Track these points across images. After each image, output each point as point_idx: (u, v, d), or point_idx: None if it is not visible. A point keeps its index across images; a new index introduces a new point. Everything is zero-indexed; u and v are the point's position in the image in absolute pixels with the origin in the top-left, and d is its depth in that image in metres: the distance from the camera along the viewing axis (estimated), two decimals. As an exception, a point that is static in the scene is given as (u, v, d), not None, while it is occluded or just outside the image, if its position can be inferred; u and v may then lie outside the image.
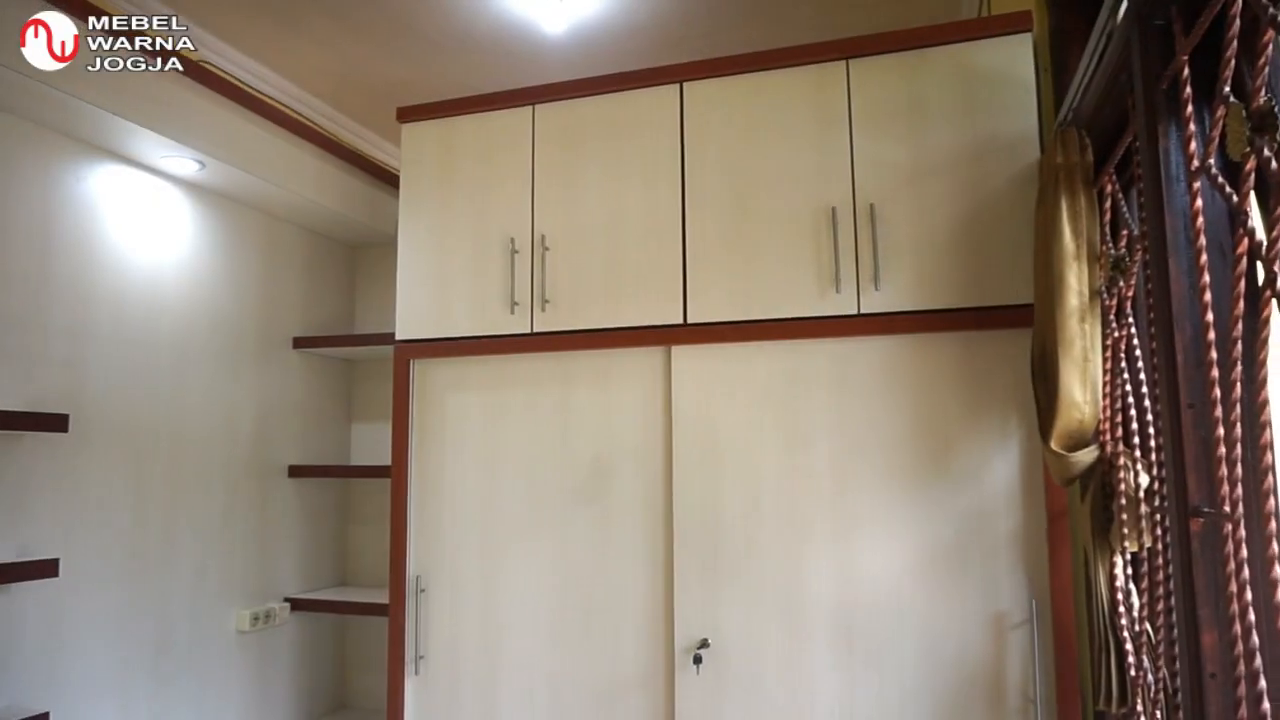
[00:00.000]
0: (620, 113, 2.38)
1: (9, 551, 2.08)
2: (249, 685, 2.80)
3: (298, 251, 3.13)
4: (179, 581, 2.56)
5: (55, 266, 2.24)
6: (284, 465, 2.99)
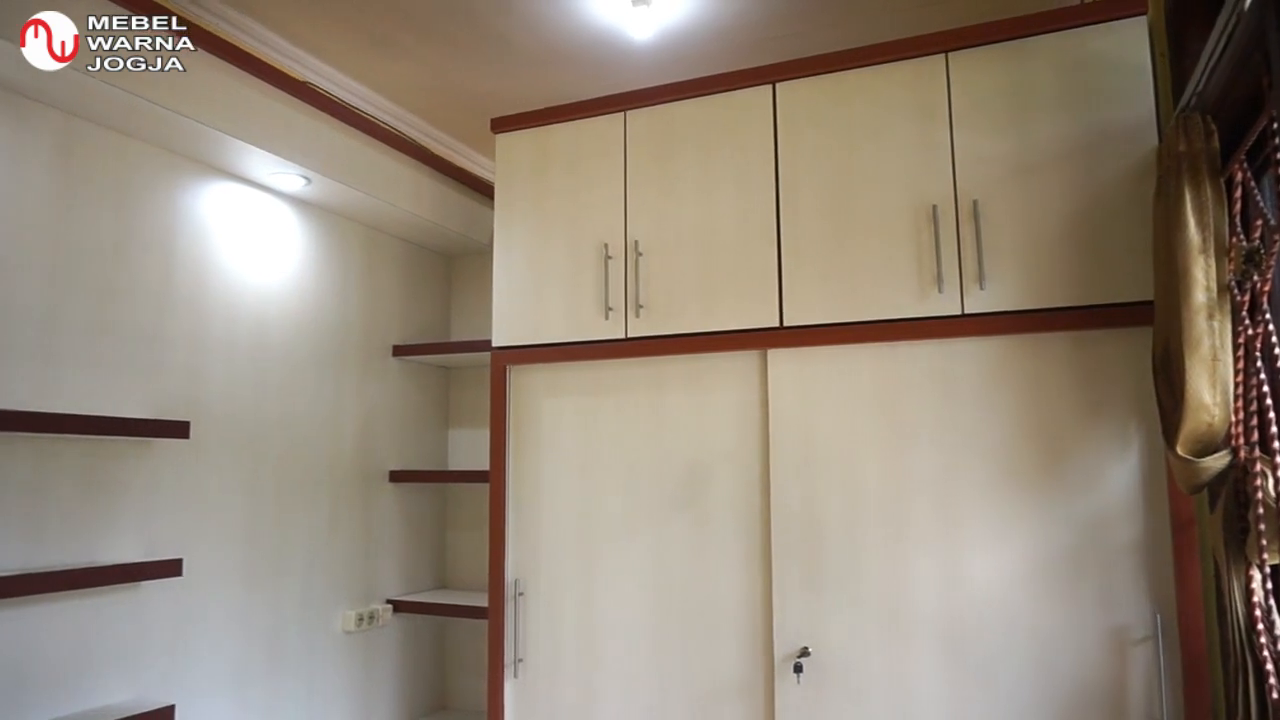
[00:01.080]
0: (712, 116, 2.37)
1: (138, 551, 2.20)
2: (354, 683, 2.88)
3: (396, 262, 3.22)
4: (289, 582, 2.66)
5: (176, 281, 2.35)
6: (385, 470, 3.08)
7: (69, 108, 2.09)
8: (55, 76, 1.92)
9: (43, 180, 2.05)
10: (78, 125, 2.13)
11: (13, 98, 1.99)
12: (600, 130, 2.50)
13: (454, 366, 3.41)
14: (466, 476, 3.07)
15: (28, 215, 2.02)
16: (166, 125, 2.20)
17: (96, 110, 2.10)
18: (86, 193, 2.14)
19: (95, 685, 2.09)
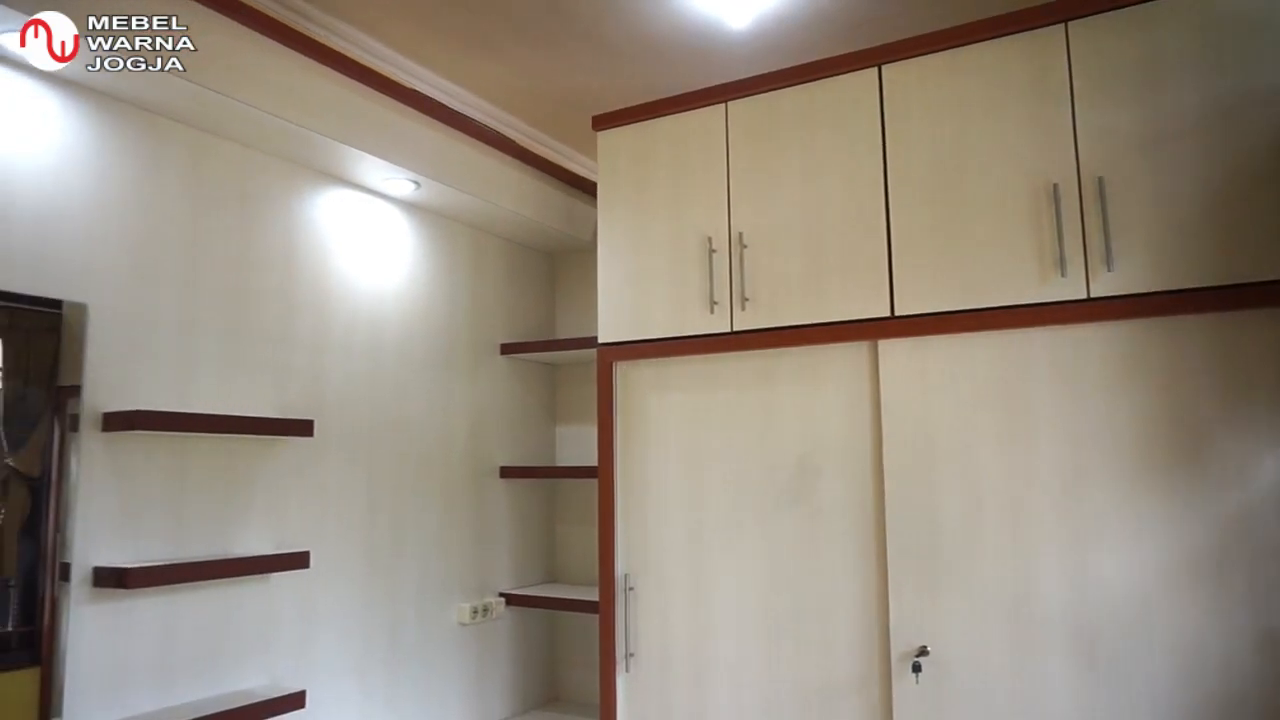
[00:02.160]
0: (815, 102, 2.32)
1: (268, 544, 2.32)
2: (469, 674, 2.96)
3: (502, 261, 3.28)
4: (407, 575, 2.75)
5: (298, 285, 2.46)
6: (496, 466, 3.15)
7: (198, 124, 2.21)
8: (184, 95, 2.04)
9: (177, 193, 2.18)
10: (206, 140, 2.25)
11: (149, 116, 2.12)
12: (701, 122, 2.48)
13: (560, 364, 3.45)
14: (574, 472, 3.10)
15: (165, 227, 2.14)
16: (286, 136, 2.30)
17: (222, 125, 2.22)
18: (215, 203, 2.26)
19: (232, 669, 2.21)
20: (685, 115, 2.52)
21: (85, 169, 1.99)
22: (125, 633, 1.99)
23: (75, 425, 1.96)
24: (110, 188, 2.03)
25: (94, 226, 1.99)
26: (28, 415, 2.00)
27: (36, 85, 1.91)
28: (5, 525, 1.97)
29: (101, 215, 2.01)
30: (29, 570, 1.99)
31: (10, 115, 1.86)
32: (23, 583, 1.98)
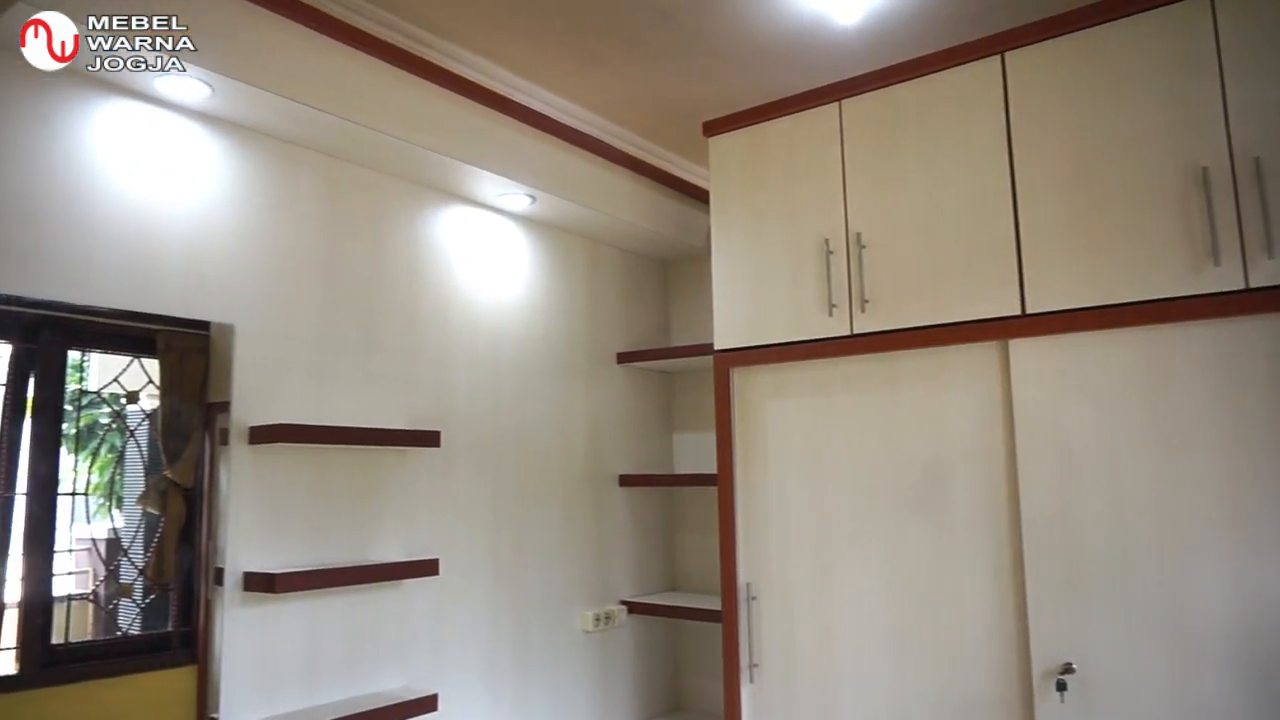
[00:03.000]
0: (934, 95, 2.24)
1: (400, 551, 2.40)
2: (594, 681, 2.99)
3: (616, 271, 3.32)
4: (531, 582, 2.80)
5: (423, 301, 2.56)
6: (615, 474, 3.17)
7: (330, 151, 2.32)
8: (317, 124, 2.15)
9: (313, 218, 2.30)
10: (337, 166, 2.37)
11: (286, 146, 2.25)
12: (814, 123, 2.44)
13: (675, 371, 3.45)
14: (693, 480, 3.09)
15: (302, 250, 2.26)
16: (410, 158, 2.40)
17: (351, 150, 2.33)
18: (346, 226, 2.37)
19: (370, 672, 2.30)
20: (797, 116, 2.48)
21: (230, 199, 2.12)
22: (273, 634, 2.10)
23: (225, 439, 2.09)
24: (252, 215, 2.16)
25: (239, 252, 2.12)
26: (182, 430, 2.15)
27: (184, 121, 2.06)
28: (165, 533, 2.13)
29: (245, 241, 2.14)
30: (186, 574, 2.13)
31: (161, 152, 2.01)
32: (181, 586, 2.13)
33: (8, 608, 1.88)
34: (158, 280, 1.97)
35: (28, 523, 1.91)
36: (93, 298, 1.89)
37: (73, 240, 1.84)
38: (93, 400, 2.08)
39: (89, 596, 2.03)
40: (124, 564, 2.08)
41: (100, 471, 2.09)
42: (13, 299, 1.81)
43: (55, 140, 1.83)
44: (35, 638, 1.88)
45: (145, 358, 2.12)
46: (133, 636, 2.07)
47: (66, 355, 2.01)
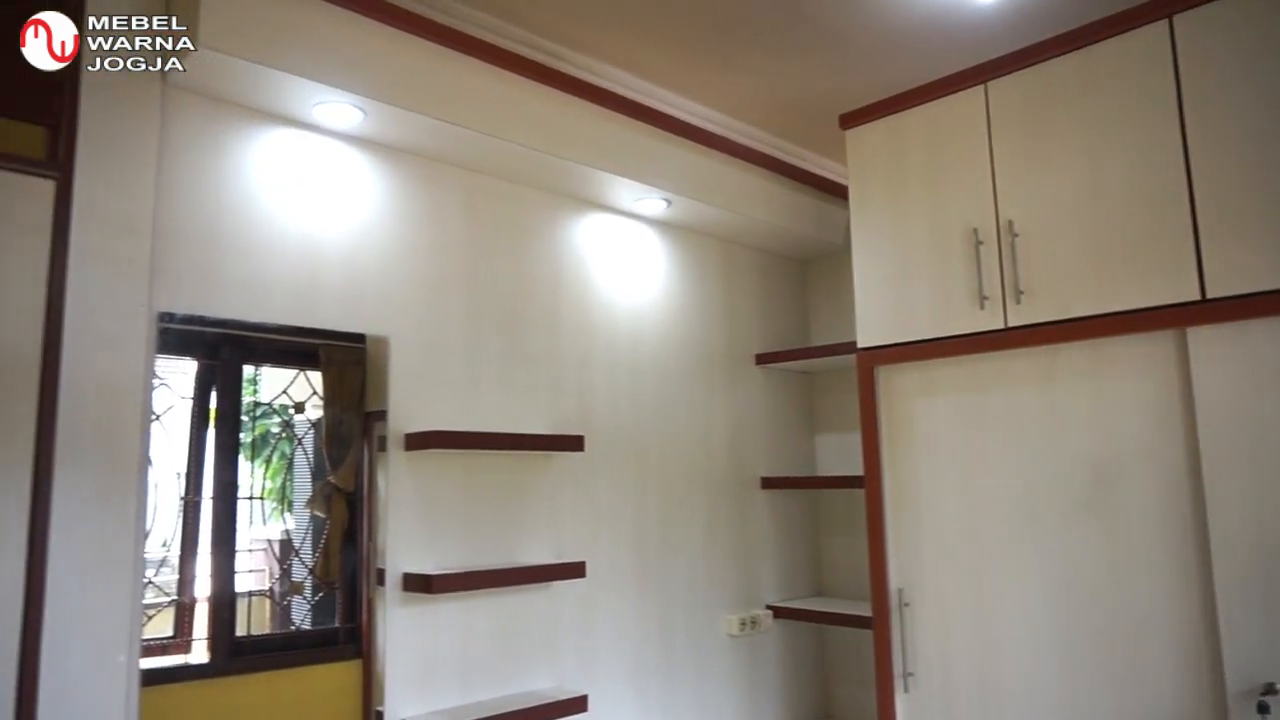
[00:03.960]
0: (1090, 69, 2.09)
1: (547, 554, 2.46)
2: (741, 686, 2.96)
3: (753, 272, 3.28)
4: (676, 585, 2.80)
5: (563, 308, 2.61)
6: (757, 477, 3.13)
7: (471, 166, 2.40)
8: (459, 140, 2.23)
9: (457, 231, 2.38)
10: (478, 180, 2.45)
11: (431, 164, 2.34)
12: (958, 108, 2.33)
13: (816, 371, 3.38)
14: (838, 482, 3.01)
15: (449, 262, 2.35)
16: (546, 168, 2.45)
17: (491, 164, 2.40)
18: (489, 237, 2.45)
19: (520, 671, 2.36)
20: (938, 103, 2.37)
21: (381, 216, 2.23)
22: (430, 633, 2.19)
23: (383, 445, 2.20)
24: (402, 231, 2.26)
25: (391, 267, 2.23)
26: (343, 438, 2.27)
27: (339, 146, 2.18)
28: (330, 535, 2.25)
29: (396, 256, 2.24)
30: (350, 574, 2.25)
31: (319, 176, 2.13)
32: (345, 585, 2.25)
33: (198, 602, 2.04)
34: (320, 297, 2.09)
35: (213, 524, 2.07)
36: (264, 315, 2.02)
37: (246, 262, 1.98)
38: (265, 411, 2.23)
39: (266, 593, 2.18)
40: (295, 563, 2.21)
41: (272, 477, 2.24)
42: (196, 319, 1.97)
43: (228, 169, 1.98)
44: (222, 630, 2.04)
45: (310, 370, 2.26)
46: (304, 631, 2.21)
47: (242, 370, 2.17)
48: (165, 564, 1.98)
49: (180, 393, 2.04)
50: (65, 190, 1.66)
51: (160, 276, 1.83)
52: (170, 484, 1.97)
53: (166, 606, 1.99)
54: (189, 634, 2.02)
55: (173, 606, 2.00)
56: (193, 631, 2.02)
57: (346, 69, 1.96)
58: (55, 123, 1.67)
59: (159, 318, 1.83)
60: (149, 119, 1.83)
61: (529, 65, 2.32)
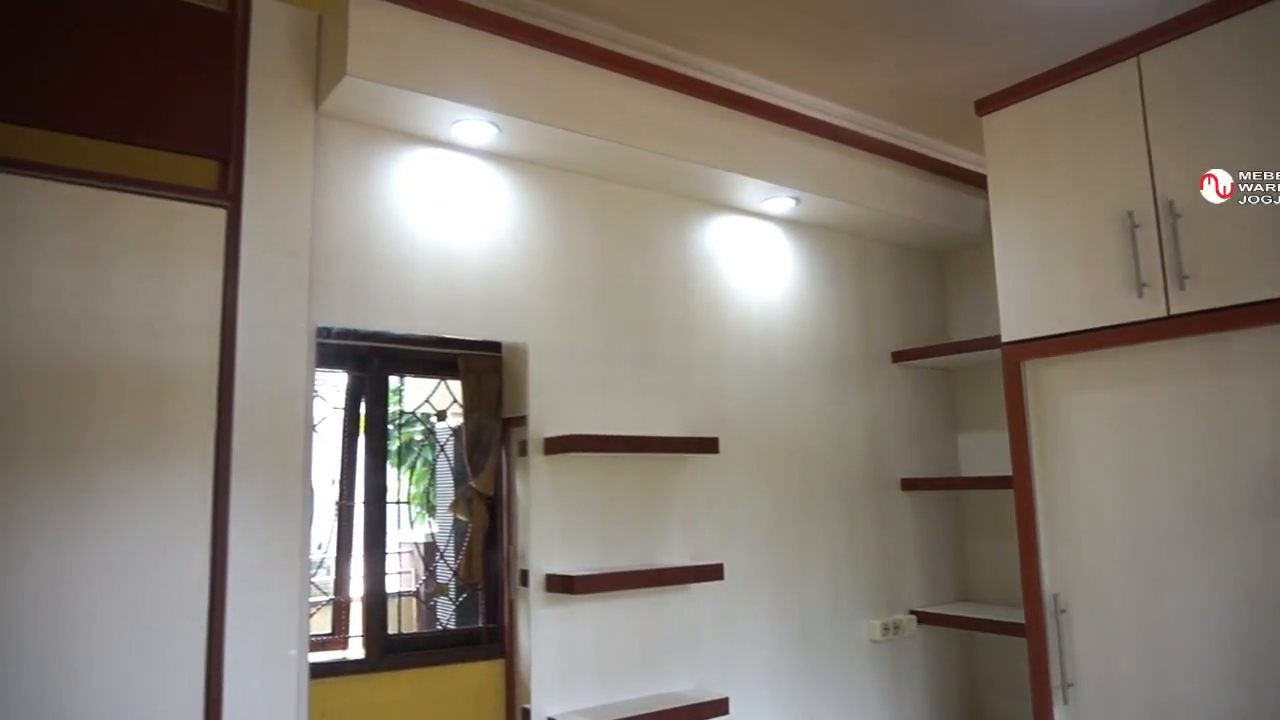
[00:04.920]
0: (1260, 32, 1.93)
1: (685, 556, 2.46)
2: (884, 693, 2.88)
3: (887, 267, 3.20)
4: (815, 589, 2.75)
5: (693, 310, 2.61)
6: (896, 478, 3.05)
7: (598, 172, 2.44)
8: (587, 149, 2.28)
9: (588, 238, 2.43)
10: (607, 187, 2.49)
11: (561, 174, 2.40)
12: (1106, 84, 2.19)
13: (956, 368, 3.26)
14: (983, 483, 2.89)
15: (581, 269, 2.40)
16: (673, 172, 2.46)
17: (619, 171, 2.44)
18: (618, 243, 2.48)
19: (661, 673, 2.37)
20: (1084, 81, 2.24)
21: (515, 227, 2.30)
22: (572, 633, 2.23)
23: (523, 450, 2.26)
24: (534, 240, 2.33)
25: (526, 276, 2.29)
26: (483, 443, 2.35)
27: (475, 161, 2.26)
28: (472, 538, 2.33)
29: (530, 265, 2.31)
30: (491, 575, 2.32)
31: (457, 191, 2.22)
32: (488, 586, 2.32)
33: (352, 601, 2.16)
34: (461, 307, 2.18)
35: (366, 528, 2.18)
36: (410, 327, 2.12)
37: (393, 277, 2.08)
38: (409, 419, 2.33)
39: (413, 594, 2.27)
40: (440, 565, 2.31)
41: (416, 482, 2.34)
42: (349, 333, 2.09)
43: (374, 190, 2.08)
44: (376, 628, 2.15)
45: (450, 379, 2.35)
46: (450, 630, 2.30)
47: (388, 380, 2.28)
48: (322, 565, 2.10)
49: (333, 403, 2.17)
50: (235, 217, 1.79)
51: (317, 293, 1.95)
52: (325, 489, 2.08)
53: (324, 605, 2.11)
54: (345, 631, 2.13)
55: (330, 605, 2.12)
56: (349, 629, 2.14)
57: (482, 87, 2.03)
58: (225, 156, 1.81)
59: (317, 332, 1.94)
60: (304, 147, 1.96)
61: (652, 71, 2.34)
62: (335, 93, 1.91)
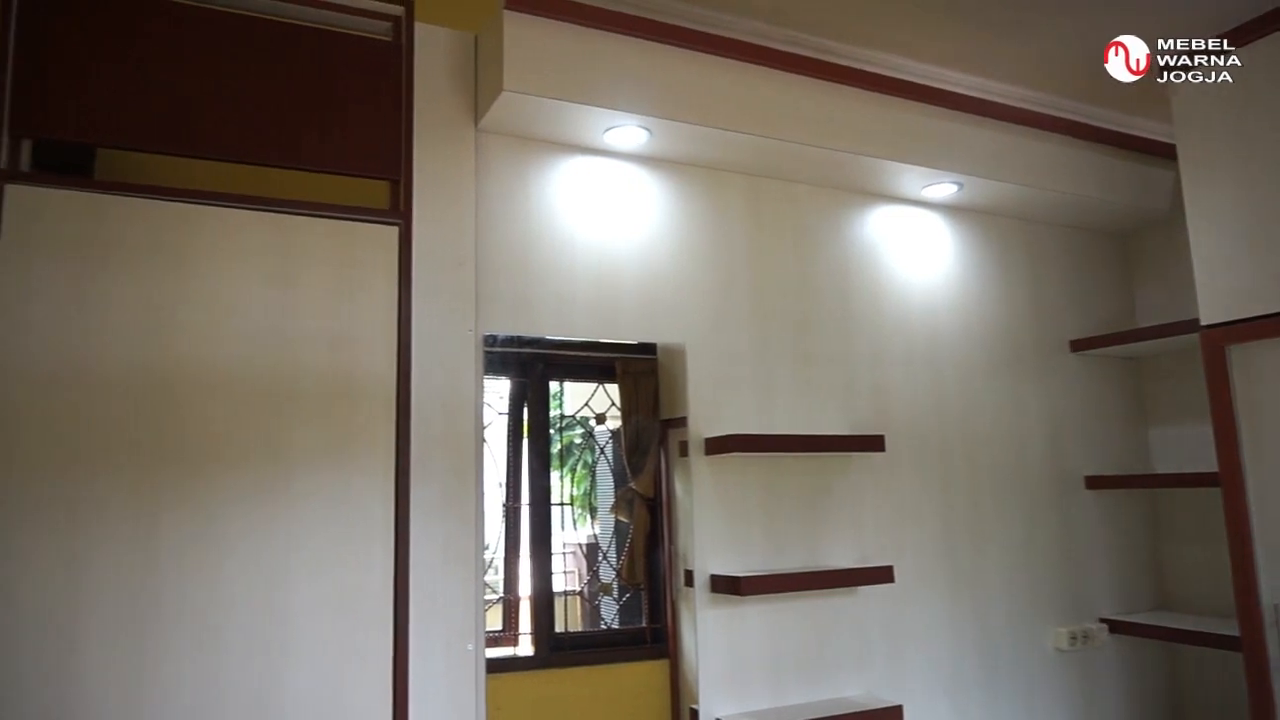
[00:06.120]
0: None
1: (851, 557, 2.40)
2: (1073, 707, 2.70)
3: (1060, 251, 3.01)
4: (992, 592, 2.62)
5: (852, 304, 2.54)
6: (1079, 475, 2.85)
7: (751, 169, 2.42)
8: (738, 146, 2.26)
9: (741, 236, 2.41)
10: (759, 183, 2.46)
11: (711, 173, 2.39)
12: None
13: (1142, 356, 3.01)
14: (1182, 480, 2.65)
15: (735, 268, 2.38)
16: (826, 164, 2.41)
17: (770, 165, 2.40)
18: (772, 240, 2.45)
19: (830, 677, 2.31)
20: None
21: (668, 229, 2.31)
22: (739, 634, 2.21)
23: (684, 451, 2.26)
24: (689, 241, 2.33)
25: (681, 277, 2.30)
26: (642, 446, 2.38)
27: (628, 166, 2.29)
28: (634, 539, 2.36)
29: (685, 266, 2.31)
30: (653, 576, 2.34)
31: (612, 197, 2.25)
32: (649, 587, 2.34)
33: (520, 600, 2.22)
34: (618, 311, 2.21)
35: (531, 529, 2.24)
36: (571, 332, 2.18)
37: (553, 285, 2.13)
38: (568, 423, 2.39)
39: (578, 593, 2.32)
40: (602, 566, 2.34)
41: (578, 485, 2.39)
42: (514, 340, 2.16)
43: (532, 201, 2.15)
44: (543, 626, 2.21)
45: (607, 383, 2.39)
46: (614, 630, 2.33)
47: (549, 386, 2.34)
48: (491, 565, 2.18)
49: (497, 409, 2.25)
50: (406, 234, 1.89)
51: (483, 303, 2.03)
52: (493, 492, 2.16)
53: (495, 603, 2.19)
54: (515, 628, 2.20)
55: (500, 603, 2.20)
56: (518, 626, 2.21)
57: (633, 92, 2.05)
58: (396, 176, 1.91)
59: (484, 341, 2.02)
60: (466, 163, 2.05)
61: (801, 62, 2.29)
62: (493, 109, 1.99)
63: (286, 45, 1.85)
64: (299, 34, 1.86)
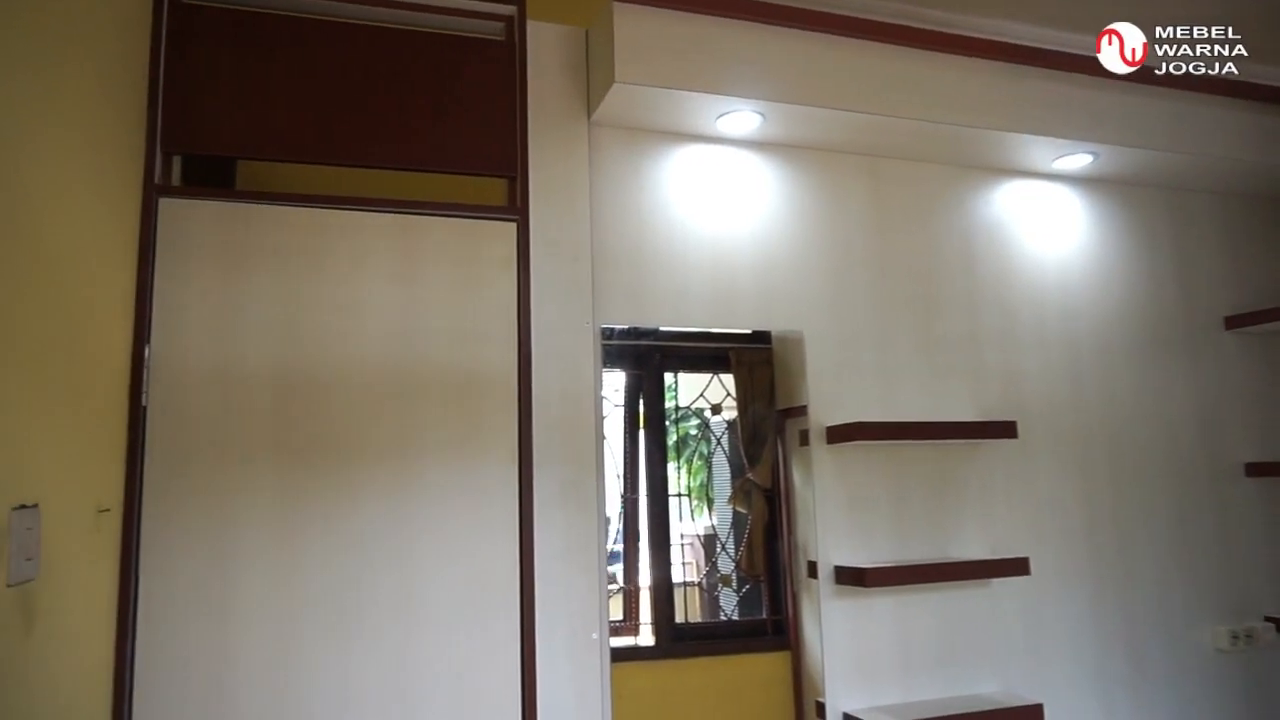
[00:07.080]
0: None
1: (982, 548, 2.30)
2: (1235, 711, 2.52)
3: (1212, 221, 2.80)
4: (1141, 588, 2.48)
5: (979, 285, 2.44)
6: (1239, 463, 2.66)
7: (870, 150, 2.36)
8: (855, 126, 2.20)
9: (860, 218, 2.35)
10: (879, 163, 2.39)
11: (828, 155, 2.34)
12: None
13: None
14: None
15: (854, 251, 2.32)
16: (950, 140, 2.32)
17: (891, 144, 2.33)
18: (893, 221, 2.38)
19: (963, 672, 2.23)
20: None
21: (784, 215, 2.27)
22: (865, 627, 2.17)
23: (804, 440, 2.23)
24: (805, 226, 2.29)
25: (798, 263, 2.26)
26: (759, 436, 2.35)
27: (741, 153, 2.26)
28: (752, 529, 2.33)
29: (801, 252, 2.27)
30: (773, 567, 2.31)
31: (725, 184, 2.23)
32: (769, 578, 2.31)
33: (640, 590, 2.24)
34: (734, 300, 2.20)
35: (650, 520, 2.25)
36: (687, 322, 2.17)
37: (668, 275, 2.14)
38: (684, 414, 2.38)
39: (697, 584, 2.31)
40: (721, 557, 2.33)
41: (694, 476, 2.38)
42: (630, 331, 2.17)
43: (645, 191, 2.15)
44: (664, 616, 2.21)
45: (722, 374, 2.37)
46: (733, 621, 2.31)
47: (663, 377, 2.34)
48: (611, 555, 2.19)
49: (614, 401, 2.26)
50: (524, 229, 1.92)
51: (599, 295, 2.05)
52: (611, 483, 2.18)
53: (616, 593, 2.21)
54: (636, 618, 2.22)
55: (620, 593, 2.22)
56: (639, 616, 2.22)
57: (745, 77, 2.03)
58: (513, 173, 1.95)
59: (601, 333, 2.04)
60: (580, 156, 2.07)
61: (916, 35, 2.21)
62: (605, 101, 2.00)
63: (407, 52, 1.91)
64: (418, 40, 1.92)
